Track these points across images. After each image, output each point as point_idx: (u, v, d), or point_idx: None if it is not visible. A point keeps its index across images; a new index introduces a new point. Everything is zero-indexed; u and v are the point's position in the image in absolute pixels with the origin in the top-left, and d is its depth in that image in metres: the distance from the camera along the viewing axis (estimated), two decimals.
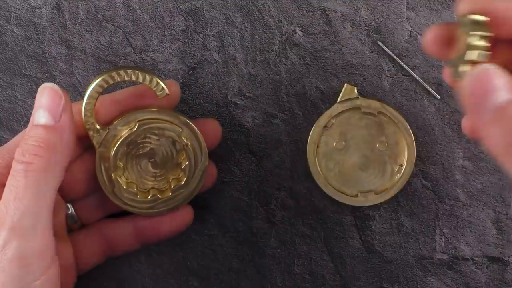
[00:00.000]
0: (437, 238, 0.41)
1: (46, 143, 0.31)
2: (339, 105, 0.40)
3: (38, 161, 0.31)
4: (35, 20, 0.41)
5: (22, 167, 0.30)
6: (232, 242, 0.41)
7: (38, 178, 0.31)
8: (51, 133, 0.32)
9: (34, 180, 0.30)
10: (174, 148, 0.37)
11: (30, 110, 0.41)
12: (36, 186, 0.30)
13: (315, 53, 0.41)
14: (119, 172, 0.37)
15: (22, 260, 0.29)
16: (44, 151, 0.31)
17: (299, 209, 0.41)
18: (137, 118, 0.36)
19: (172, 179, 0.38)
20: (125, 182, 0.37)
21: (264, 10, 0.41)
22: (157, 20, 0.41)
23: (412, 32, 0.41)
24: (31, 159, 0.31)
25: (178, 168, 0.38)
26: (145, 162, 0.37)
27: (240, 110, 0.41)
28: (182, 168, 0.37)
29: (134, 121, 0.36)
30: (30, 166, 0.31)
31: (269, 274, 0.41)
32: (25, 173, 0.30)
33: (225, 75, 0.41)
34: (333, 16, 0.41)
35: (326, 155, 0.40)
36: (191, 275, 0.41)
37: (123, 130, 0.36)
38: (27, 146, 0.31)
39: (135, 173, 0.38)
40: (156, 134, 0.37)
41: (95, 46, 0.41)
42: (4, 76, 0.41)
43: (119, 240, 0.38)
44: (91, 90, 0.35)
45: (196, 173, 0.37)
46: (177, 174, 0.38)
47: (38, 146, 0.31)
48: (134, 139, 0.37)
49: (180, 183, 0.37)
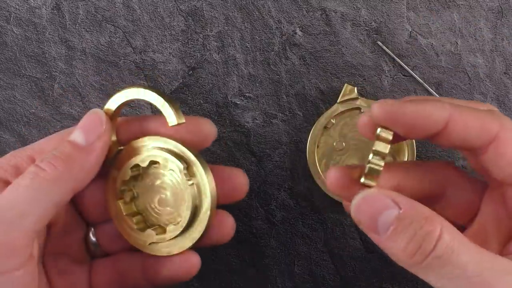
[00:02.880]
0: None
1: (66, 157, 0.31)
2: (339, 105, 0.40)
3: (51, 171, 0.31)
4: (35, 20, 0.41)
5: (34, 170, 0.31)
6: (232, 242, 0.41)
7: (42, 185, 0.31)
8: (75, 151, 0.32)
9: (37, 185, 0.31)
10: (179, 185, 0.34)
11: (29, 110, 0.41)
12: (36, 191, 0.30)
13: (315, 53, 0.41)
14: (126, 198, 0.34)
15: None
16: (61, 164, 0.31)
17: (299, 209, 0.41)
18: (150, 144, 0.34)
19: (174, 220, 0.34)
20: (127, 210, 0.34)
21: (264, 10, 0.41)
22: (157, 20, 0.41)
23: (412, 32, 0.41)
24: (45, 166, 0.31)
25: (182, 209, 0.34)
26: (152, 195, 0.35)
27: (240, 110, 0.41)
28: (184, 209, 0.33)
29: (147, 146, 0.34)
30: (42, 172, 0.31)
31: (269, 274, 0.41)
32: (34, 176, 0.31)
33: (225, 75, 0.41)
34: (333, 16, 0.41)
35: (326, 155, 0.40)
36: None
37: (134, 153, 0.34)
38: (49, 155, 0.31)
39: (147, 204, 0.35)
40: (160, 166, 0.34)
41: (95, 46, 0.41)
42: (4, 76, 0.41)
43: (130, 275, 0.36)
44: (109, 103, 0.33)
45: (199, 219, 0.33)
46: (179, 216, 0.34)
47: (57, 157, 0.31)
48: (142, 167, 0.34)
49: (179, 225, 0.33)
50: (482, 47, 0.41)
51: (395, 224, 0.27)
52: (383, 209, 0.28)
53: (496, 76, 0.41)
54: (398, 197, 0.28)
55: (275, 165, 0.41)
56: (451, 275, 0.26)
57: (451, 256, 0.26)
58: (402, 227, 0.27)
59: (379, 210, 0.28)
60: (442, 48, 0.41)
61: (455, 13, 0.41)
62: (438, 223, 0.27)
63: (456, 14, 0.41)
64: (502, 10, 0.41)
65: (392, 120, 0.29)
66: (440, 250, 0.26)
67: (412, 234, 0.27)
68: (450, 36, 0.41)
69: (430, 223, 0.27)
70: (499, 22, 0.41)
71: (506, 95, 0.41)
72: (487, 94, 0.41)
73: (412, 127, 0.29)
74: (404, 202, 0.28)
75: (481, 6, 0.41)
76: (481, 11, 0.41)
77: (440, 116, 0.28)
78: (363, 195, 0.28)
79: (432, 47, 0.41)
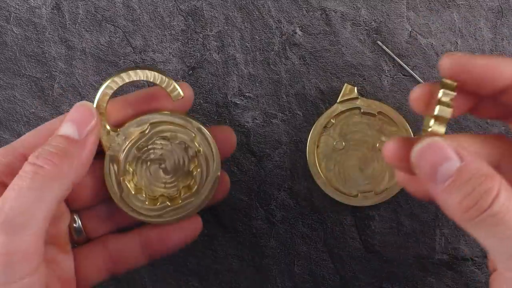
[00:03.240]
0: (437, 238, 0.41)
1: (63, 152, 0.31)
2: (339, 105, 0.40)
3: (50, 167, 0.30)
4: (35, 20, 0.41)
5: (32, 169, 0.30)
6: (232, 242, 0.41)
7: (44, 183, 0.30)
8: (71, 145, 0.32)
9: (39, 184, 0.30)
10: (186, 155, 0.36)
11: (29, 110, 0.41)
12: (40, 191, 0.30)
13: (315, 53, 0.41)
14: (128, 176, 0.36)
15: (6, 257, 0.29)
16: (58, 159, 0.31)
17: (299, 209, 0.41)
18: (149, 121, 0.35)
19: (182, 186, 0.36)
20: (133, 187, 0.36)
21: (264, 10, 0.41)
22: (157, 20, 0.41)
23: (412, 32, 0.41)
24: (43, 163, 0.30)
25: (189, 176, 0.36)
26: (155, 168, 0.36)
27: (240, 110, 0.41)
28: (193, 175, 0.36)
29: (146, 123, 0.35)
30: (41, 169, 0.30)
31: (269, 274, 0.41)
32: (33, 175, 0.30)
33: (225, 75, 0.41)
34: (333, 16, 0.41)
35: (326, 155, 0.40)
36: (191, 275, 0.41)
37: (134, 132, 0.35)
38: (43, 151, 0.31)
39: (145, 179, 0.36)
40: (168, 139, 0.36)
41: (95, 46, 0.41)
42: (4, 76, 0.41)
43: (125, 255, 0.36)
44: (104, 88, 0.34)
45: (208, 181, 0.36)
46: (188, 182, 0.36)
47: (54, 153, 0.31)
48: (145, 143, 0.36)
49: (190, 191, 0.36)
50: (482, 47, 0.41)
51: (455, 176, 0.27)
52: (445, 159, 0.27)
53: None
54: (462, 150, 0.28)
55: (275, 165, 0.41)
56: (502, 235, 0.26)
57: (506, 215, 0.26)
58: (461, 181, 0.27)
59: (441, 160, 0.27)
60: (442, 48, 0.41)
61: (455, 13, 0.41)
62: (497, 181, 0.26)
63: (456, 14, 0.41)
64: (502, 10, 0.41)
65: (461, 72, 0.29)
66: (496, 208, 0.26)
67: (470, 189, 0.26)
68: (450, 36, 0.41)
69: (489, 180, 0.26)
70: (499, 22, 0.41)
71: None
72: None
73: (481, 80, 0.29)
74: (467, 156, 0.27)
75: (481, 6, 0.41)
76: (481, 11, 0.41)
77: (510, 70, 0.28)
78: (429, 141, 0.28)
79: (432, 47, 0.41)
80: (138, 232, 0.37)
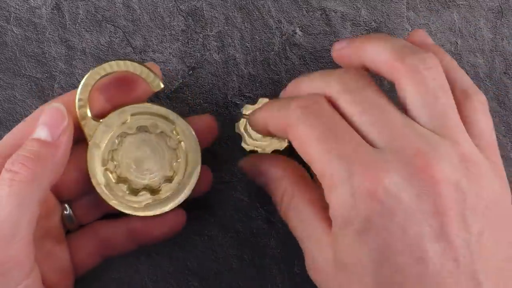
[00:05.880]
0: None
1: (37, 155, 0.32)
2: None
3: (25, 172, 0.31)
4: (35, 20, 0.41)
5: (8, 176, 0.31)
6: (232, 242, 0.41)
7: (22, 188, 0.31)
8: (44, 148, 0.33)
9: (17, 190, 0.31)
10: (167, 146, 0.37)
11: (29, 110, 0.41)
12: (19, 196, 0.31)
13: (315, 53, 0.41)
14: (110, 167, 0.36)
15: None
16: (33, 163, 0.32)
17: None
18: (130, 111, 0.36)
19: (164, 179, 0.37)
20: (116, 177, 0.36)
21: (264, 10, 0.41)
22: (157, 20, 0.41)
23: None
24: (18, 169, 0.31)
25: (170, 168, 0.37)
26: (137, 159, 0.37)
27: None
28: (173, 167, 0.37)
29: (128, 114, 0.36)
30: (17, 175, 0.31)
31: (269, 275, 0.41)
32: (10, 182, 0.31)
33: (225, 75, 0.41)
34: (333, 16, 0.41)
35: None
36: (191, 275, 0.41)
37: (116, 123, 0.36)
38: (18, 157, 0.32)
39: (126, 169, 0.37)
40: (148, 130, 0.37)
41: (95, 46, 0.41)
42: (4, 76, 0.41)
43: (114, 241, 0.37)
44: (85, 79, 0.35)
45: (188, 173, 0.37)
46: (169, 174, 0.37)
47: (28, 157, 0.32)
48: (126, 133, 0.36)
49: (172, 182, 0.37)
50: (482, 47, 0.41)
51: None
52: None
53: (496, 76, 0.41)
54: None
55: None
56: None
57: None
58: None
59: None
60: (442, 48, 0.41)
61: (455, 13, 0.41)
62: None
63: (456, 14, 0.41)
64: (502, 10, 0.41)
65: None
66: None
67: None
68: (450, 36, 0.41)
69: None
70: (499, 22, 0.41)
71: (506, 95, 0.41)
72: (487, 94, 0.41)
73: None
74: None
75: (481, 6, 0.41)
76: (481, 11, 0.41)
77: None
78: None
79: None
80: (126, 221, 0.37)
